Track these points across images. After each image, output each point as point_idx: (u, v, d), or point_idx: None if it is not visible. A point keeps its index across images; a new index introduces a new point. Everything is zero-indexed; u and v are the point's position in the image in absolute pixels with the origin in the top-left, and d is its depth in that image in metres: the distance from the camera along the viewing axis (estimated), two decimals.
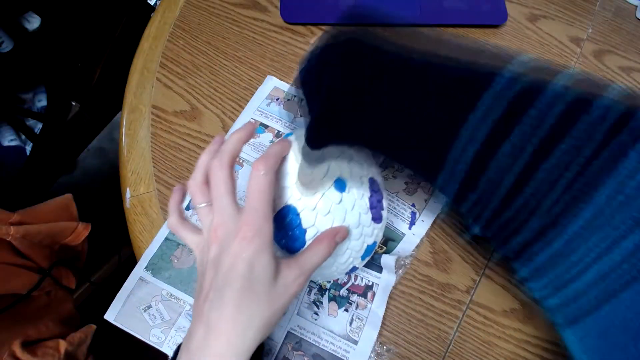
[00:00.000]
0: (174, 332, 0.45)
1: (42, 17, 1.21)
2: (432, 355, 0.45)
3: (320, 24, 0.60)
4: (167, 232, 0.49)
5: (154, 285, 0.46)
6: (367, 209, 0.36)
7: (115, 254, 1.02)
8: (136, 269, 0.47)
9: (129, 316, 0.45)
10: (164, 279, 0.47)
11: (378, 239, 0.40)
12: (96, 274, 0.98)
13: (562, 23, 0.63)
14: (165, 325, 0.45)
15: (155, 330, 0.45)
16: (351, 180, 0.35)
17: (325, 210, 0.34)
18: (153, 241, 0.48)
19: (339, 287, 0.46)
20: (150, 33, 0.60)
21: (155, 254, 0.48)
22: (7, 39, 1.15)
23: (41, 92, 1.32)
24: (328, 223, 0.34)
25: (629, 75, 0.60)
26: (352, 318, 0.44)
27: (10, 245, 0.58)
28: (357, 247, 0.37)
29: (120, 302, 0.46)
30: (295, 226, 0.34)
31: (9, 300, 0.58)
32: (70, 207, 0.71)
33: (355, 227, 0.36)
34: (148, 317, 0.45)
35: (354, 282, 0.46)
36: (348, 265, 0.38)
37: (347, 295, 0.45)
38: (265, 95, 0.55)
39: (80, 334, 0.59)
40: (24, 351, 0.52)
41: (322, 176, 0.34)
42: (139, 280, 0.47)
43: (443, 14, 0.60)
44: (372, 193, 0.37)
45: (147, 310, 0.45)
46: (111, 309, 0.46)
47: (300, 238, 0.35)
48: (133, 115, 0.55)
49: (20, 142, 1.28)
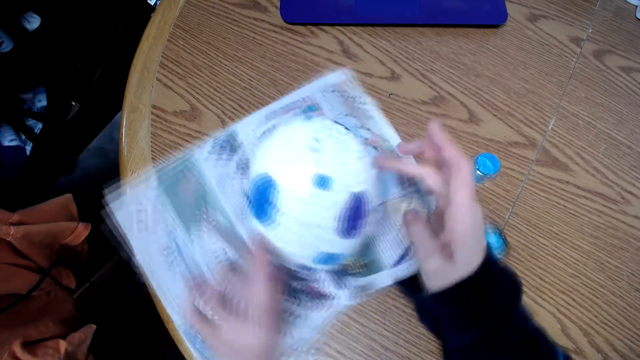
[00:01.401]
0: (148, 239, 0.47)
1: (42, 17, 1.21)
2: (432, 355, 0.45)
3: (320, 24, 0.60)
4: (188, 158, 0.50)
5: (154, 193, 0.48)
6: (337, 218, 0.36)
7: (115, 254, 1.02)
8: (149, 173, 0.49)
9: (122, 209, 0.47)
10: (165, 193, 0.49)
11: (341, 251, 0.39)
12: (96, 274, 0.98)
13: (562, 23, 0.63)
14: (144, 229, 0.47)
15: (134, 228, 0.47)
16: (340, 183, 0.36)
17: (298, 195, 0.35)
18: (172, 160, 0.50)
19: (295, 278, 0.46)
20: (150, 33, 0.60)
21: (168, 170, 0.49)
22: (7, 39, 1.15)
23: (41, 92, 1.32)
24: (295, 208, 0.36)
25: (629, 75, 0.60)
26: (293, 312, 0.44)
27: (10, 245, 0.58)
28: (314, 247, 0.38)
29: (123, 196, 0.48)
30: (269, 199, 0.36)
31: (9, 300, 0.58)
32: (70, 207, 0.71)
33: (314, 226, 0.36)
34: (136, 216, 0.47)
35: (311, 283, 0.45)
36: (298, 258, 0.39)
37: (297, 289, 0.45)
38: (332, 82, 0.56)
39: (80, 334, 0.59)
40: (24, 351, 0.52)
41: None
42: (145, 184, 0.49)
43: (443, 14, 0.60)
44: (352, 208, 0.37)
45: (138, 211, 0.48)
46: (115, 203, 0.47)
47: (267, 211, 0.36)
48: (133, 115, 0.55)
49: (20, 142, 1.28)
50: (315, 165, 0.35)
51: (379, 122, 0.54)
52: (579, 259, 0.50)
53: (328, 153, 0.36)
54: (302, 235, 0.37)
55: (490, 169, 0.50)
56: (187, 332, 0.44)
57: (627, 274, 0.49)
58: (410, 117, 0.56)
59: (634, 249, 0.51)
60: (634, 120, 0.57)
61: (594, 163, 0.55)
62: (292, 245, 0.38)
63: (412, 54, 0.59)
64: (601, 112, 0.57)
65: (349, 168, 0.37)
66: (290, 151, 0.36)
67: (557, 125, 0.56)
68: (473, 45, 0.61)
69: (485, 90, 0.58)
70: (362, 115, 0.55)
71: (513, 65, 0.60)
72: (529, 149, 0.55)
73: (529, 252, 0.50)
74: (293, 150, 0.36)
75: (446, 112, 0.56)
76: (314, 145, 0.36)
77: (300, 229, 0.37)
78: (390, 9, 0.60)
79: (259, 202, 0.37)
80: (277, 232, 0.38)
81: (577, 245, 0.50)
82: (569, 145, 0.55)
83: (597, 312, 0.48)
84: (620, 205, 0.53)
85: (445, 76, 0.58)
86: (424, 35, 0.61)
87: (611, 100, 0.58)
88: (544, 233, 0.51)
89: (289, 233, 0.37)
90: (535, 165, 0.54)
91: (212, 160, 0.51)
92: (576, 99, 0.58)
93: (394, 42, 0.60)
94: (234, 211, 0.49)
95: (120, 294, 0.94)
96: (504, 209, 0.52)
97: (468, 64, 0.59)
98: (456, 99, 0.57)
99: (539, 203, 0.52)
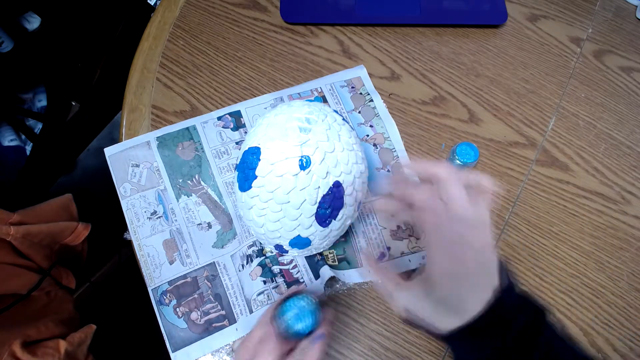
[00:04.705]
0: (138, 197, 0.50)
1: (42, 17, 1.21)
2: (432, 355, 0.45)
3: (320, 24, 0.60)
4: (193, 123, 0.53)
5: (152, 153, 0.51)
6: (314, 201, 0.37)
7: (115, 254, 1.02)
8: (150, 133, 0.52)
9: (119, 160, 0.51)
10: (162, 155, 0.51)
11: (315, 237, 0.40)
12: (96, 274, 0.98)
13: (562, 23, 0.63)
14: (136, 186, 0.50)
15: (127, 185, 0.50)
16: (321, 167, 0.36)
17: (279, 171, 0.36)
18: (178, 124, 0.53)
19: (274, 261, 0.47)
20: (150, 33, 0.60)
21: (172, 134, 0.52)
22: (7, 39, 1.15)
23: (41, 92, 1.32)
24: (274, 183, 0.36)
25: (629, 75, 0.60)
26: (263, 292, 0.46)
27: (10, 245, 0.58)
28: (288, 227, 0.38)
29: (122, 148, 0.52)
30: (252, 168, 0.37)
31: (9, 300, 0.58)
32: (70, 207, 0.71)
33: (291, 206, 0.37)
34: (130, 172, 0.51)
35: (289, 268, 0.47)
36: (274, 238, 0.40)
37: (275, 273, 0.47)
38: (346, 77, 0.56)
39: (80, 334, 0.59)
40: (24, 351, 0.52)
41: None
42: (146, 142, 0.52)
43: (443, 14, 0.60)
44: (330, 195, 0.37)
45: (133, 167, 0.51)
46: (112, 147, 0.52)
47: (250, 180, 0.37)
48: (133, 115, 0.55)
49: (20, 142, 1.28)
50: (300, 145, 0.36)
51: (384, 120, 0.55)
52: (579, 259, 0.50)
53: (316, 136, 0.36)
54: (279, 213, 0.38)
55: (470, 156, 0.50)
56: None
57: (627, 274, 0.49)
58: (410, 117, 0.56)
59: (634, 249, 0.51)
60: (634, 120, 0.57)
61: (594, 163, 0.55)
62: (270, 222, 0.39)
63: (412, 54, 0.59)
64: (601, 112, 0.57)
65: (335, 156, 0.37)
66: (280, 128, 0.37)
67: (557, 125, 0.56)
68: (473, 45, 0.61)
69: (485, 90, 0.58)
70: (368, 113, 0.55)
71: (513, 65, 0.60)
72: (529, 149, 0.55)
73: (529, 252, 0.50)
74: (283, 128, 0.37)
75: (446, 112, 0.56)
76: (304, 126, 0.37)
77: (278, 205, 0.37)
78: (390, 9, 0.60)
79: (243, 170, 0.38)
80: (257, 205, 0.38)
81: (577, 245, 0.50)
82: (569, 145, 0.55)
83: (597, 312, 0.48)
84: (620, 205, 0.52)
85: (445, 76, 0.58)
86: (424, 35, 0.61)
87: (611, 100, 0.58)
88: (544, 233, 0.51)
89: (268, 209, 0.38)
90: (535, 165, 0.54)
91: (215, 134, 0.52)
92: (576, 99, 0.58)
93: (394, 42, 0.60)
94: (224, 185, 0.50)
95: (120, 294, 0.94)
96: (504, 209, 0.52)
97: (468, 64, 0.59)
98: (456, 99, 0.57)
99: (539, 203, 0.52)
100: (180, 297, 0.46)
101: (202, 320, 0.45)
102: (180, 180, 0.50)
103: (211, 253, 0.47)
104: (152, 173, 0.51)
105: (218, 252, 0.47)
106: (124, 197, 0.49)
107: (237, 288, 0.46)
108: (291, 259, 0.47)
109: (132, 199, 0.49)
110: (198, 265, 0.47)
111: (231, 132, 0.52)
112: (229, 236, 0.48)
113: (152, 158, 0.51)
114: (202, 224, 0.49)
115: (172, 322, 0.45)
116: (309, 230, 0.39)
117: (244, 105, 0.54)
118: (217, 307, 0.45)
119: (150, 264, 0.47)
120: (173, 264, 0.47)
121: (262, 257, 0.47)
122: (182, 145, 0.52)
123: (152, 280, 0.46)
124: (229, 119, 0.53)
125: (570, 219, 0.52)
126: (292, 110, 0.38)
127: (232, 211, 0.49)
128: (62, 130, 1.24)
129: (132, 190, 0.50)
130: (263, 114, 0.53)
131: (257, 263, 0.47)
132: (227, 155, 0.51)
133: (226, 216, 0.49)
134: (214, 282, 0.46)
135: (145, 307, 0.46)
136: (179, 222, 0.49)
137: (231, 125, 0.53)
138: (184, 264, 0.47)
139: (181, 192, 0.50)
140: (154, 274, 0.46)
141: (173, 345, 0.44)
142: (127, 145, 0.51)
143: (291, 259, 0.47)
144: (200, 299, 0.46)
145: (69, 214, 0.70)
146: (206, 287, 0.46)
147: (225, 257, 0.47)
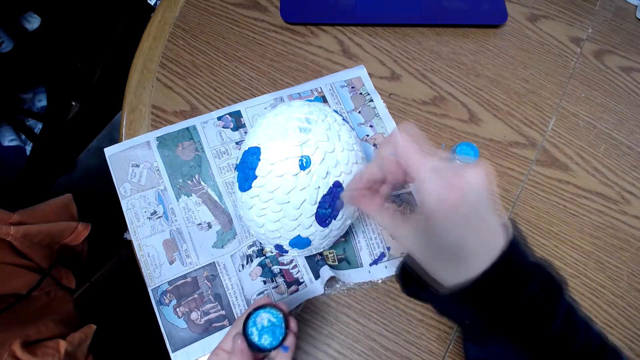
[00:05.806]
0: (138, 197, 0.49)
1: (42, 17, 1.21)
2: (432, 355, 0.45)
3: (320, 24, 0.60)
4: (193, 123, 0.53)
5: (152, 153, 0.51)
6: (313, 201, 0.37)
7: (115, 254, 1.02)
8: (150, 133, 0.52)
9: (119, 160, 0.51)
10: (162, 155, 0.51)
11: (315, 237, 0.40)
12: (96, 274, 0.98)
13: (562, 23, 0.63)
14: (136, 186, 0.50)
15: (127, 185, 0.50)
16: (321, 167, 0.36)
17: (278, 171, 0.36)
18: (178, 124, 0.53)
19: (274, 262, 0.47)
20: (150, 33, 0.60)
21: (172, 134, 0.52)
22: (7, 39, 1.15)
23: (41, 92, 1.32)
24: (273, 183, 0.36)
25: (629, 75, 0.60)
26: (263, 292, 0.46)
27: (10, 245, 0.58)
28: (288, 227, 0.39)
29: (122, 148, 0.52)
30: (252, 168, 0.37)
31: (9, 300, 0.58)
32: (70, 207, 0.71)
33: (291, 206, 0.37)
34: (130, 172, 0.50)
35: (289, 268, 0.47)
36: (274, 238, 0.40)
37: (275, 273, 0.47)
38: (346, 77, 0.56)
39: (80, 334, 0.59)
40: (24, 351, 0.52)
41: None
42: (146, 142, 0.52)
43: (443, 14, 0.60)
44: (329, 195, 0.37)
45: (133, 167, 0.51)
46: (112, 148, 0.52)
47: (250, 180, 0.38)
48: (133, 115, 0.55)
49: (20, 142, 1.28)
50: (300, 145, 0.36)
51: (384, 120, 0.55)
52: (579, 259, 0.50)
53: (316, 136, 0.36)
54: (279, 213, 0.38)
55: (470, 156, 0.51)
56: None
57: (627, 274, 0.49)
58: (410, 117, 0.56)
59: (634, 249, 0.51)
60: (634, 120, 0.57)
61: (594, 163, 0.55)
62: (270, 222, 0.39)
63: (412, 54, 0.59)
64: (601, 112, 0.57)
65: (335, 156, 0.37)
66: (280, 128, 0.37)
67: (557, 125, 0.56)
68: (473, 45, 0.61)
69: (485, 90, 0.58)
70: (368, 113, 0.55)
71: (513, 65, 0.60)
72: (529, 149, 0.55)
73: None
74: (283, 128, 0.37)
75: (446, 112, 0.56)
76: (304, 126, 0.37)
77: (278, 205, 0.38)
78: (390, 9, 0.60)
79: (243, 170, 0.38)
80: (257, 205, 0.39)
81: (577, 245, 0.50)
82: (569, 145, 0.55)
83: (597, 312, 0.48)
84: (620, 205, 0.53)
85: (445, 76, 0.58)
86: (424, 35, 0.61)
87: (611, 100, 0.58)
88: (543, 233, 0.51)
89: (268, 209, 0.38)
90: (535, 165, 0.54)
91: (214, 134, 0.52)
92: (576, 99, 0.58)
93: (394, 42, 0.60)
94: (224, 185, 0.50)
95: (120, 294, 0.94)
96: (504, 209, 0.52)
97: (468, 64, 0.59)
98: (456, 99, 0.57)
99: (539, 203, 0.52)
100: (180, 297, 0.46)
101: (202, 320, 0.45)
102: (180, 180, 0.50)
103: (211, 253, 0.47)
104: (152, 173, 0.51)
105: (218, 252, 0.47)
106: (124, 197, 0.49)
107: (237, 288, 0.46)
108: (291, 259, 0.47)
109: (132, 199, 0.49)
110: (198, 265, 0.47)
111: (231, 132, 0.52)
112: (229, 236, 0.48)
113: (152, 158, 0.51)
114: (202, 224, 0.49)
115: (172, 322, 0.45)
116: (309, 230, 0.39)
117: (244, 105, 0.54)
118: (217, 307, 0.45)
119: (150, 264, 0.47)
120: (173, 264, 0.47)
121: (262, 257, 0.47)
122: (182, 145, 0.52)
123: (152, 280, 0.46)
124: (229, 119, 0.53)
125: (570, 219, 0.52)
126: (292, 110, 0.38)
127: (232, 211, 0.49)
128: (62, 130, 1.24)
129: (132, 190, 0.50)
130: (263, 114, 0.53)
131: (257, 263, 0.47)
132: (227, 155, 0.51)
133: (226, 216, 0.49)
134: (214, 282, 0.46)
135: (145, 307, 0.46)
136: (179, 222, 0.49)
137: (231, 125, 0.53)
138: (184, 264, 0.47)
139: (181, 192, 0.50)
140: (154, 274, 0.46)
141: (173, 345, 0.44)
142: (127, 145, 0.51)
143: (291, 259, 0.47)
144: (200, 299, 0.46)
145: (69, 214, 0.70)
146: (206, 287, 0.46)
147: (225, 257, 0.47)
